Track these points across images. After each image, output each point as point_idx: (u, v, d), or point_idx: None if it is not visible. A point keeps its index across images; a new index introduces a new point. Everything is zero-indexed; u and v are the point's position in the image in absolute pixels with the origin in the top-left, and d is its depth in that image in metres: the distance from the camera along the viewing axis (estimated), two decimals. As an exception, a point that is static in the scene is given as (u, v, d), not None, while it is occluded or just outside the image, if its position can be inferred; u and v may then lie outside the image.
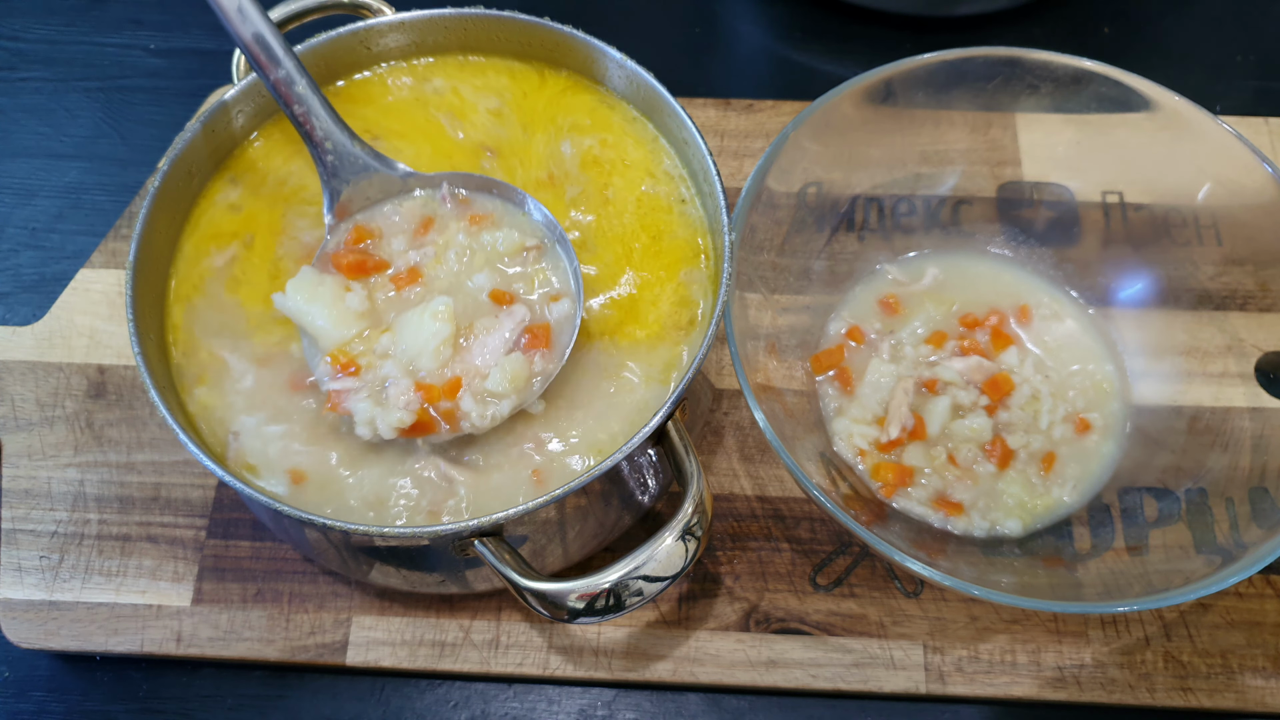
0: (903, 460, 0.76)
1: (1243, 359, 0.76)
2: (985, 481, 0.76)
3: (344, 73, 0.80)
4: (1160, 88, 0.77)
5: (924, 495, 0.75)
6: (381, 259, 0.70)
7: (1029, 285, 0.84)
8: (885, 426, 0.77)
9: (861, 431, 0.77)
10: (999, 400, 0.78)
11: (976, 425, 0.77)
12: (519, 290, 0.69)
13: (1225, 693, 0.72)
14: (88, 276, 0.87)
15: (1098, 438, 0.78)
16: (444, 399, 0.65)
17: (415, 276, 0.70)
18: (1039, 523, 0.75)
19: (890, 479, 0.75)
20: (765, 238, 0.77)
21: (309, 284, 0.68)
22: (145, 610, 0.75)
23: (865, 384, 0.79)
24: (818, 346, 0.82)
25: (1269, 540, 0.64)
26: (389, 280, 0.70)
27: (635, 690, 0.74)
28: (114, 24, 1.08)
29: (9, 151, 1.00)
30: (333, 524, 0.61)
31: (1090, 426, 0.78)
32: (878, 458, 0.77)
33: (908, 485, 0.76)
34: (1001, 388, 0.78)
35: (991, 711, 0.73)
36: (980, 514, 0.75)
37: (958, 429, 0.77)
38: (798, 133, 0.76)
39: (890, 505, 0.75)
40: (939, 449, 0.77)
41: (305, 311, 0.67)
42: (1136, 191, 0.82)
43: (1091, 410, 0.79)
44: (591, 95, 0.79)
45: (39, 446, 0.81)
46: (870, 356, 0.80)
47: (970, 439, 0.77)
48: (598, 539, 0.73)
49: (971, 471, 0.76)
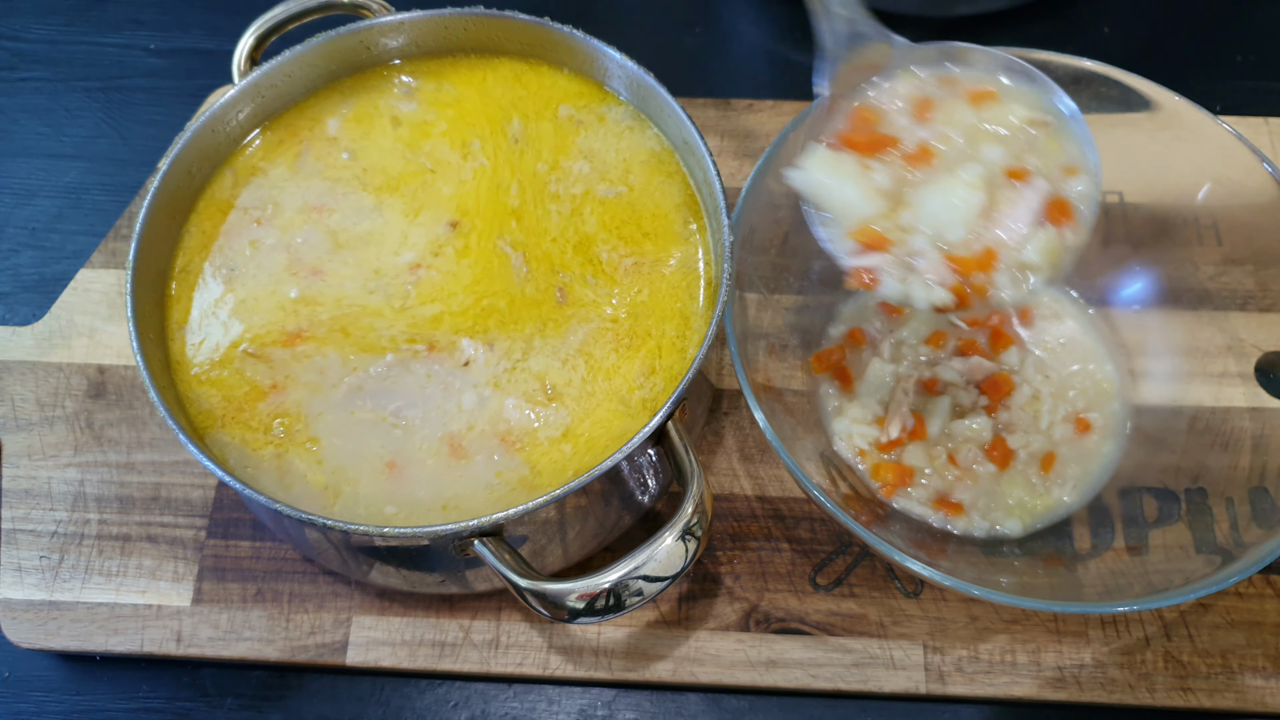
0: (903, 460, 0.76)
1: (1243, 359, 0.76)
2: (985, 482, 0.76)
3: (344, 73, 0.80)
4: (1160, 88, 0.77)
5: (924, 495, 0.75)
6: (890, 135, 0.68)
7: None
8: (885, 426, 0.77)
9: (861, 431, 0.77)
10: (999, 400, 0.78)
11: (976, 425, 0.77)
12: (1034, 165, 0.66)
13: (1225, 693, 0.72)
14: (88, 276, 0.87)
15: (1098, 438, 0.78)
16: (978, 271, 0.63)
17: (927, 154, 0.67)
18: (1039, 523, 0.75)
19: (890, 479, 0.75)
20: (765, 238, 0.77)
21: (829, 161, 0.66)
22: (145, 610, 0.75)
23: (865, 384, 0.79)
24: (818, 346, 0.82)
25: (1269, 540, 0.64)
26: (900, 158, 0.67)
27: (635, 690, 0.74)
28: (114, 24, 1.08)
29: (9, 151, 1.00)
30: (333, 524, 0.61)
31: (1090, 427, 0.78)
32: (878, 458, 0.77)
33: (908, 485, 0.76)
34: (1001, 388, 0.78)
35: (991, 711, 0.73)
36: (980, 514, 0.75)
37: (958, 429, 0.77)
38: (797, 132, 0.76)
39: (890, 505, 0.75)
40: (939, 449, 0.77)
41: (829, 186, 0.65)
42: (1136, 191, 0.82)
43: (1091, 410, 0.79)
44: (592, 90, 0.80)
45: (39, 446, 0.81)
46: (870, 357, 0.80)
47: (970, 439, 0.77)
48: (598, 539, 0.73)
49: (971, 471, 0.76)
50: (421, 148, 0.78)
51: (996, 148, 0.66)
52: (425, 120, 0.79)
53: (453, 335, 0.71)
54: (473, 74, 0.81)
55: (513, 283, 0.73)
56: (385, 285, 0.73)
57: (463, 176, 0.76)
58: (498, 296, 0.72)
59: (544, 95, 0.80)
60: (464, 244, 0.74)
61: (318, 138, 0.78)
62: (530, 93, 0.80)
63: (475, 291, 0.72)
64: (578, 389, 0.69)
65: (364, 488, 0.67)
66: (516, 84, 0.80)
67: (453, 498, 0.66)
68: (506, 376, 0.70)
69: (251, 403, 0.69)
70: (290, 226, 0.75)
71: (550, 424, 0.68)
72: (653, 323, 0.71)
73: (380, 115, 0.79)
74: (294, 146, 0.77)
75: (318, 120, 0.79)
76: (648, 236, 0.74)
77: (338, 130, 0.78)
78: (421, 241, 0.74)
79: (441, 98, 0.80)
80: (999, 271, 0.63)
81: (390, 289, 0.72)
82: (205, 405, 0.69)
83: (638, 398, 0.69)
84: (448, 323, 0.71)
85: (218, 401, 0.69)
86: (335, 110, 0.79)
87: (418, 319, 0.71)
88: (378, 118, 0.79)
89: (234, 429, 0.68)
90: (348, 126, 0.79)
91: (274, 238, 0.74)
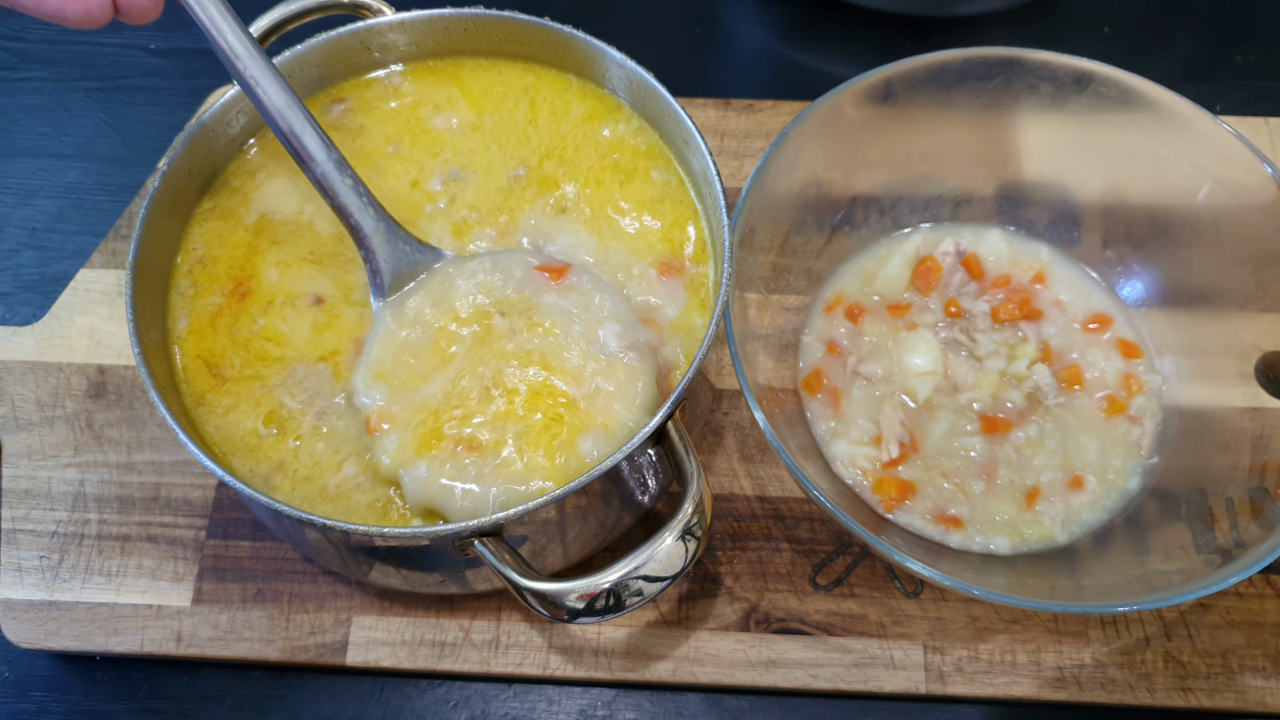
0: (901, 476, 0.76)
1: (1243, 359, 0.76)
2: (976, 499, 0.75)
3: (344, 74, 0.80)
4: (1160, 88, 0.77)
5: (925, 509, 0.75)
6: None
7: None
8: (883, 446, 0.76)
9: (864, 453, 0.76)
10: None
11: (973, 444, 0.76)
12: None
13: (1225, 693, 0.72)
14: (88, 276, 0.87)
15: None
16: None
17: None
18: (1029, 546, 0.74)
19: (892, 495, 0.75)
20: (765, 238, 0.77)
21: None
22: (145, 610, 0.75)
23: (852, 402, 0.78)
24: (796, 352, 0.81)
25: (1269, 540, 0.64)
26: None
27: (635, 690, 0.74)
28: (114, 24, 1.08)
29: (9, 151, 1.00)
30: (333, 524, 0.61)
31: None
32: (879, 474, 0.76)
33: (909, 500, 0.75)
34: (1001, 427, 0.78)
35: (991, 711, 0.73)
36: (977, 529, 0.74)
37: (953, 446, 0.76)
38: (797, 132, 0.76)
39: (891, 519, 0.75)
40: (935, 464, 0.76)
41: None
42: (1136, 191, 0.82)
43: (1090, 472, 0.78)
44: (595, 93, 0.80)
45: (39, 446, 0.81)
46: (854, 368, 0.79)
47: (965, 457, 0.76)
48: (598, 539, 0.73)
49: (966, 488, 0.75)
50: (422, 149, 0.78)
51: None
52: (425, 120, 0.79)
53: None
54: (474, 75, 0.81)
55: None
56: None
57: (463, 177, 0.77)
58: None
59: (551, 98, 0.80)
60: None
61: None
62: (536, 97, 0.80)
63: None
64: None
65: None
66: (524, 87, 0.80)
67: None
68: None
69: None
70: (291, 227, 0.75)
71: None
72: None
73: (380, 116, 0.79)
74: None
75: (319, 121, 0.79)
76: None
77: (338, 131, 0.78)
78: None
79: (442, 99, 0.80)
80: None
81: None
82: (205, 405, 0.69)
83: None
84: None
85: (218, 401, 0.69)
86: (336, 111, 0.79)
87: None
88: (378, 118, 0.79)
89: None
90: (348, 126, 0.79)
91: (274, 238, 0.75)
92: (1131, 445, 0.77)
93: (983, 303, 0.81)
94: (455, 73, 0.81)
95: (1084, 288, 0.83)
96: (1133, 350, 0.80)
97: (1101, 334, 0.80)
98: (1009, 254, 0.83)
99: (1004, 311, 0.80)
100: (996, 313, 0.80)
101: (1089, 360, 0.79)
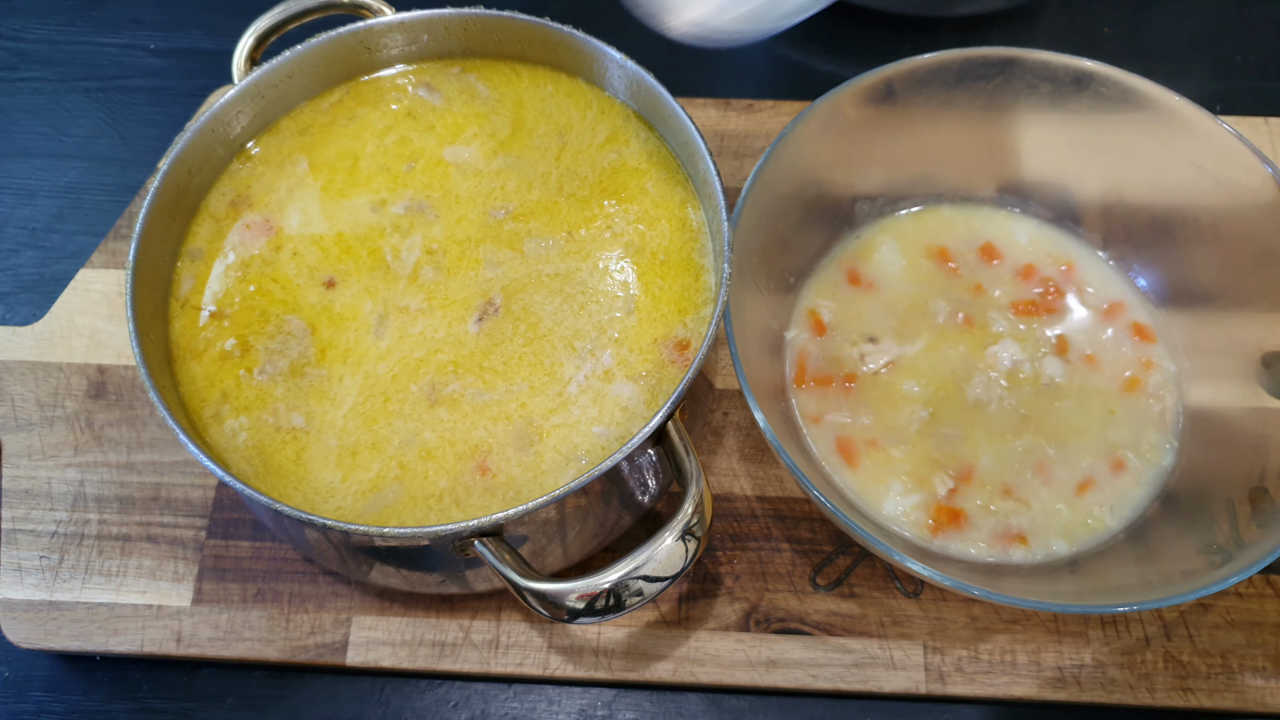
0: (955, 504, 0.74)
1: (1243, 359, 0.76)
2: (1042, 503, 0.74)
3: (344, 74, 0.80)
4: (1160, 88, 0.77)
5: (980, 535, 0.73)
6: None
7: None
8: (932, 483, 0.74)
9: (914, 503, 0.74)
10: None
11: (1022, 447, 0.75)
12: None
13: (1225, 693, 0.72)
14: (88, 276, 0.87)
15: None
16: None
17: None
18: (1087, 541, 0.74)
19: (941, 521, 0.73)
20: (765, 238, 0.77)
21: None
22: (145, 610, 0.75)
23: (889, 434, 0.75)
24: (780, 349, 0.81)
25: (1269, 540, 0.64)
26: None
27: (635, 690, 0.74)
28: (114, 24, 1.08)
29: (9, 151, 1.00)
30: (333, 524, 0.61)
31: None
32: (936, 509, 0.74)
33: (959, 528, 0.73)
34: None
35: (991, 711, 0.73)
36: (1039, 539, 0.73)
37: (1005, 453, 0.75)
38: (797, 132, 0.76)
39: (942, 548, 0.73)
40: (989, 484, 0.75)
41: None
42: (1136, 191, 0.82)
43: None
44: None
45: (39, 446, 0.81)
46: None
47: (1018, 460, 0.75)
48: (598, 539, 0.73)
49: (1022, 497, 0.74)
50: (421, 149, 0.78)
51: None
52: (425, 121, 0.79)
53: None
54: (474, 76, 0.81)
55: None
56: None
57: (463, 179, 0.77)
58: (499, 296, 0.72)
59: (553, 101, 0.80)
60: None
61: (317, 140, 0.78)
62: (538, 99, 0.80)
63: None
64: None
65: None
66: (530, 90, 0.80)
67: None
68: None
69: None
70: (291, 227, 0.75)
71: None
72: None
73: (379, 117, 0.79)
74: (294, 145, 0.77)
75: (318, 122, 0.79)
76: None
77: (337, 133, 0.78)
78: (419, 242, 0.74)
79: (441, 98, 0.80)
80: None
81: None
82: (206, 405, 0.69)
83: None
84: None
85: (219, 401, 0.69)
86: (335, 111, 0.79)
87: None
88: (377, 119, 0.79)
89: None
90: (347, 127, 0.79)
91: (275, 238, 0.74)
92: (1157, 418, 0.77)
93: (1003, 292, 0.80)
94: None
95: (1103, 275, 0.83)
96: (1146, 334, 0.80)
97: (1116, 319, 0.81)
98: (1029, 245, 0.83)
99: (1025, 306, 0.80)
100: (1017, 305, 0.80)
101: (1103, 342, 0.79)
